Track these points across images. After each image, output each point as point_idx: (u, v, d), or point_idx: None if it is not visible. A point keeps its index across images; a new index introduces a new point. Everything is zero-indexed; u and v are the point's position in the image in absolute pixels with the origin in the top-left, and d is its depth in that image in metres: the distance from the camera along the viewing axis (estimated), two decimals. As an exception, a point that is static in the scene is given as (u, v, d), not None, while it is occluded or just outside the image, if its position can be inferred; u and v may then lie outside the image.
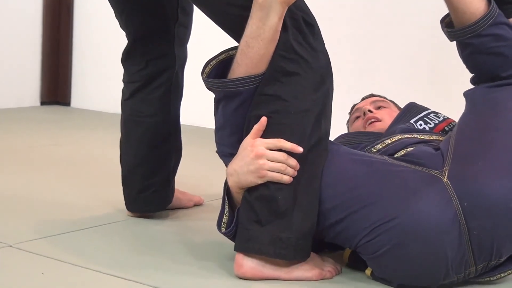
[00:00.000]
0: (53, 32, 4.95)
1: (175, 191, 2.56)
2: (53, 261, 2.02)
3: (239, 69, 1.96)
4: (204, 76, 2.02)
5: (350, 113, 2.65)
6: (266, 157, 1.90)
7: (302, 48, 1.96)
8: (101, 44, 4.84)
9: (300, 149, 1.90)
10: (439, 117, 2.35)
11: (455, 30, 2.13)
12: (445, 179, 1.91)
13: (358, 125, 2.50)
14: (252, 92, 1.96)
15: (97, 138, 3.98)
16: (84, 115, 4.79)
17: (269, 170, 1.90)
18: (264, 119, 1.92)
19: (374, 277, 1.98)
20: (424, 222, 1.86)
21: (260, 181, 1.91)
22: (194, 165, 3.25)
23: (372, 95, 2.64)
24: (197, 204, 2.67)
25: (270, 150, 1.91)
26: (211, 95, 2.05)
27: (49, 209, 2.52)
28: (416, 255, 1.88)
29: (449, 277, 1.91)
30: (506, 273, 1.98)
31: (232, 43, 2.07)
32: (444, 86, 3.76)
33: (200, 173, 3.15)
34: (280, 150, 1.91)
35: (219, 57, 2.04)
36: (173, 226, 2.40)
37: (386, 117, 2.45)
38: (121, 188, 2.48)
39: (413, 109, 2.40)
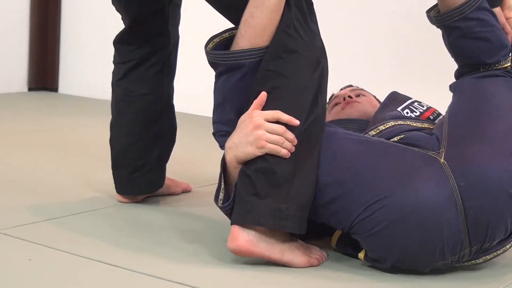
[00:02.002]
0: (41, 18, 4.93)
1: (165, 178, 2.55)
2: (40, 247, 2.01)
3: (243, 40, 1.98)
4: (207, 49, 2.03)
5: (328, 102, 2.66)
6: (265, 128, 1.90)
7: (301, 27, 1.99)
8: (89, 30, 4.82)
9: (296, 122, 1.91)
10: (423, 106, 2.37)
11: (441, 14, 2.17)
12: (442, 160, 1.94)
13: (337, 111, 2.50)
14: (254, 66, 1.97)
15: (85, 124, 3.97)
16: (72, 101, 4.78)
17: (267, 142, 1.90)
18: (263, 94, 1.93)
19: (368, 259, 1.98)
20: (421, 200, 1.88)
21: (258, 152, 1.90)
22: (182, 151, 3.24)
23: (351, 86, 2.65)
24: (185, 191, 2.67)
25: (269, 122, 1.91)
26: (199, 82, 2.05)
27: (36, 195, 2.52)
28: (413, 232, 1.89)
29: (444, 257, 1.92)
30: (491, 255, 1.99)
31: (219, 29, 2.07)
32: (428, 78, 3.77)
33: (188, 160, 3.14)
34: (277, 122, 1.91)
35: (223, 35, 2.05)
36: (162, 212, 2.40)
37: (366, 103, 2.47)
38: (110, 174, 2.47)
39: (397, 97, 2.42)
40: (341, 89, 2.65)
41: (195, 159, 3.15)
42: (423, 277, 1.95)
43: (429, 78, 3.73)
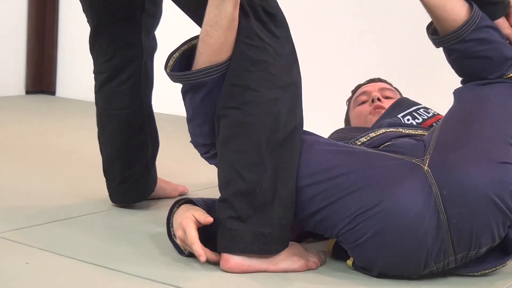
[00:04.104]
0: (39, 20, 4.93)
1: (160, 180, 2.56)
2: (38, 251, 2.02)
3: (202, 59, 1.96)
4: (168, 70, 2.02)
5: (353, 91, 2.66)
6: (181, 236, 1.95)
7: (266, 36, 1.95)
8: (86, 33, 4.78)
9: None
10: (429, 113, 2.35)
11: (439, 37, 2.13)
12: (425, 167, 1.92)
13: (364, 111, 2.51)
14: (218, 81, 1.96)
15: (82, 127, 3.96)
16: (69, 105, 4.78)
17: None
18: (210, 220, 1.94)
19: (356, 267, 1.99)
20: (405, 209, 1.87)
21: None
22: (176, 154, 3.25)
23: (379, 80, 2.64)
24: (182, 194, 2.67)
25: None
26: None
27: (33, 199, 2.52)
28: (397, 242, 1.89)
29: (428, 266, 1.93)
30: (490, 270, 2.00)
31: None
32: (430, 80, 3.76)
33: (183, 162, 3.15)
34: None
35: (181, 48, 2.03)
36: (156, 216, 2.39)
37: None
38: (104, 178, 2.48)
39: (403, 103, 2.42)
40: (368, 81, 2.64)
41: (191, 161, 3.15)
42: (422, 280, 1.96)
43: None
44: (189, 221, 1.93)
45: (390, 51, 3.92)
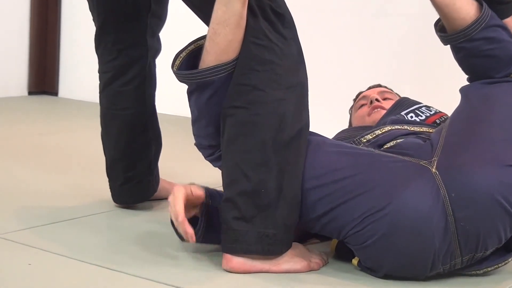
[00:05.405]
0: (41, 21, 4.93)
1: (162, 181, 2.56)
2: (40, 251, 2.02)
3: (209, 57, 1.95)
4: (174, 69, 2.01)
5: (354, 100, 2.66)
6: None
7: (274, 36, 1.95)
8: (89, 33, 4.79)
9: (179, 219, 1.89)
10: (431, 111, 2.35)
11: (447, 35, 2.13)
12: (433, 170, 1.92)
13: (363, 113, 2.51)
14: (224, 81, 1.95)
15: (84, 128, 3.97)
16: (72, 105, 4.78)
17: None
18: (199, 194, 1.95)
19: (361, 266, 1.99)
20: (412, 212, 1.87)
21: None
22: (179, 155, 3.25)
23: (379, 85, 2.64)
24: (184, 195, 2.66)
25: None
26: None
27: (35, 200, 2.52)
28: (404, 244, 1.88)
29: (435, 268, 1.92)
30: (492, 267, 1.99)
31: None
32: (432, 80, 3.76)
33: (185, 163, 3.14)
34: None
35: (188, 48, 2.03)
36: (159, 217, 2.39)
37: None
38: (107, 178, 2.47)
39: (405, 102, 2.42)
40: (369, 88, 2.65)
41: (193, 162, 3.15)
42: (426, 280, 1.95)
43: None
44: (180, 188, 1.93)
45: (394, 51, 3.91)
